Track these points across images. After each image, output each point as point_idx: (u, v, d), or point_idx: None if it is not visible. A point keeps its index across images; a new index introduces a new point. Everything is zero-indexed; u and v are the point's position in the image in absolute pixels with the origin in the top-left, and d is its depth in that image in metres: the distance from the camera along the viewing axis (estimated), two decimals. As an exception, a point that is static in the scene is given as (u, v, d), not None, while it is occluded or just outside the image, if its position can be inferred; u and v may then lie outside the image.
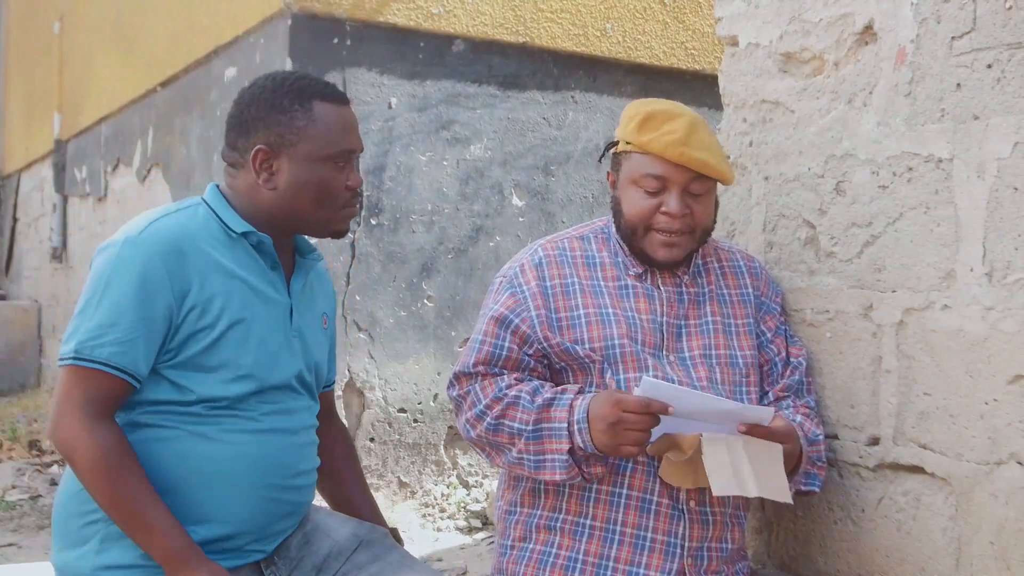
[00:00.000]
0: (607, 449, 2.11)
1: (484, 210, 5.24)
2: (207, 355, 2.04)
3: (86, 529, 2.05)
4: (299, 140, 2.10)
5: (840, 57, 2.47)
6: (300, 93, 2.13)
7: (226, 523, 2.05)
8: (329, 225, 2.18)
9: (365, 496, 2.45)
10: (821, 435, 2.38)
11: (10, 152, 11.40)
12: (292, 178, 2.11)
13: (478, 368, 2.30)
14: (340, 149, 2.13)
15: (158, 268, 2.01)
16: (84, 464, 1.97)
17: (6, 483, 5.55)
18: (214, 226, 2.11)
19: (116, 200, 7.54)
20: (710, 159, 2.22)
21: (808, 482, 2.34)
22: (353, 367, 4.88)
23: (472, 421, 2.28)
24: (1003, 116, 2.10)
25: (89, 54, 8.36)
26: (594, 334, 2.27)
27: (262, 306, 2.12)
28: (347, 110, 2.18)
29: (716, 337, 2.34)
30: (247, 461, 2.06)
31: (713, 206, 2.33)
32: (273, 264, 2.16)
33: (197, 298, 2.03)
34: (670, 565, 2.22)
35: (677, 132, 2.21)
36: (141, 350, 2.00)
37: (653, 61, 5.61)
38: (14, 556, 4.33)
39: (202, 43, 5.78)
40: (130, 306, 1.99)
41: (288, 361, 2.14)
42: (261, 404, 2.09)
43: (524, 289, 2.32)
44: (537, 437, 2.19)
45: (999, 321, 2.10)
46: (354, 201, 2.19)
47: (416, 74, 5.06)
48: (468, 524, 4.86)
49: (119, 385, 2.00)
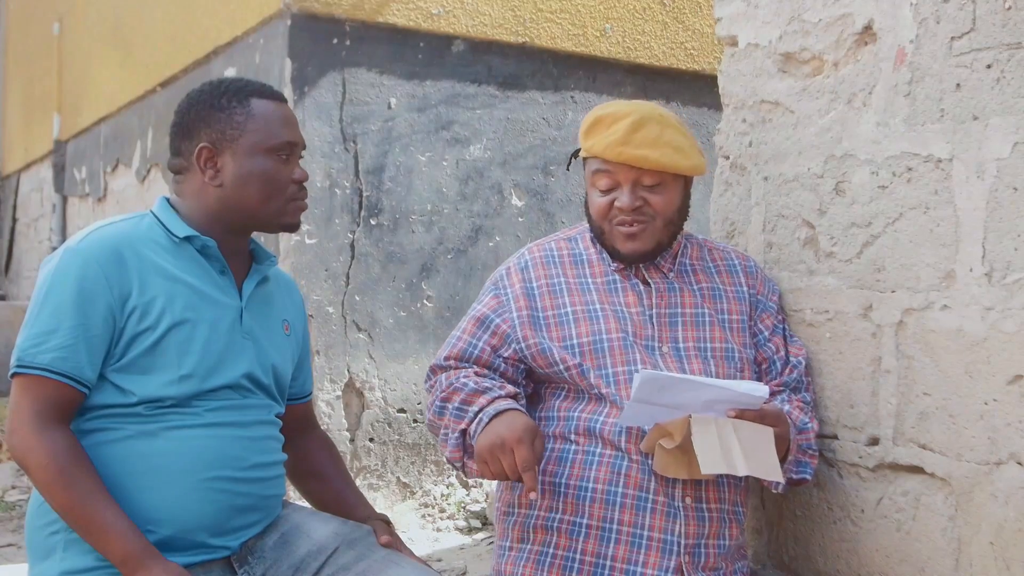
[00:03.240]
0: (478, 451, 2.16)
1: (484, 210, 5.24)
2: (149, 357, 2.06)
3: (50, 539, 2.07)
4: (240, 135, 2.17)
5: (839, 57, 2.47)
6: (238, 92, 2.20)
7: (178, 519, 2.05)
8: (279, 218, 2.22)
9: (350, 488, 2.47)
10: (811, 425, 2.38)
11: (9, 153, 11.40)
12: (237, 172, 2.17)
13: (449, 362, 2.39)
14: (281, 141, 2.19)
15: (96, 273, 2.04)
16: (36, 472, 1.99)
17: (5, 484, 5.55)
18: (158, 233, 2.16)
19: (116, 201, 7.54)
20: (651, 154, 2.27)
21: (799, 470, 2.34)
22: (353, 367, 4.88)
23: (428, 407, 2.38)
24: (1002, 116, 2.10)
25: (88, 55, 8.36)
26: (582, 329, 2.32)
27: (208, 309, 2.14)
28: (285, 107, 2.25)
29: (712, 330, 2.36)
30: (191, 455, 2.07)
31: (676, 195, 2.36)
32: (222, 269, 2.20)
33: (137, 300, 2.06)
34: (667, 562, 2.22)
35: (618, 133, 2.29)
36: (84, 355, 2.02)
37: (652, 61, 5.61)
38: (13, 556, 4.33)
39: (201, 44, 5.78)
40: (69, 312, 2.02)
41: (235, 362, 2.16)
42: (206, 402, 2.11)
43: (508, 291, 2.40)
44: (457, 415, 2.28)
45: (999, 321, 2.10)
46: (302, 194, 2.24)
47: (415, 74, 5.06)
48: (468, 524, 4.86)
49: (65, 391, 2.02)
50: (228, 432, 2.12)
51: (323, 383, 4.79)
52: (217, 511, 2.09)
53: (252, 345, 2.20)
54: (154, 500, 2.04)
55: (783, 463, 2.26)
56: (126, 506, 2.00)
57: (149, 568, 1.95)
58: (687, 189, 2.40)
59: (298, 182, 2.22)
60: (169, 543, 2.04)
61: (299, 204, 2.24)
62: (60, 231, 8.91)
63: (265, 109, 2.20)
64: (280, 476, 2.27)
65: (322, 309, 4.81)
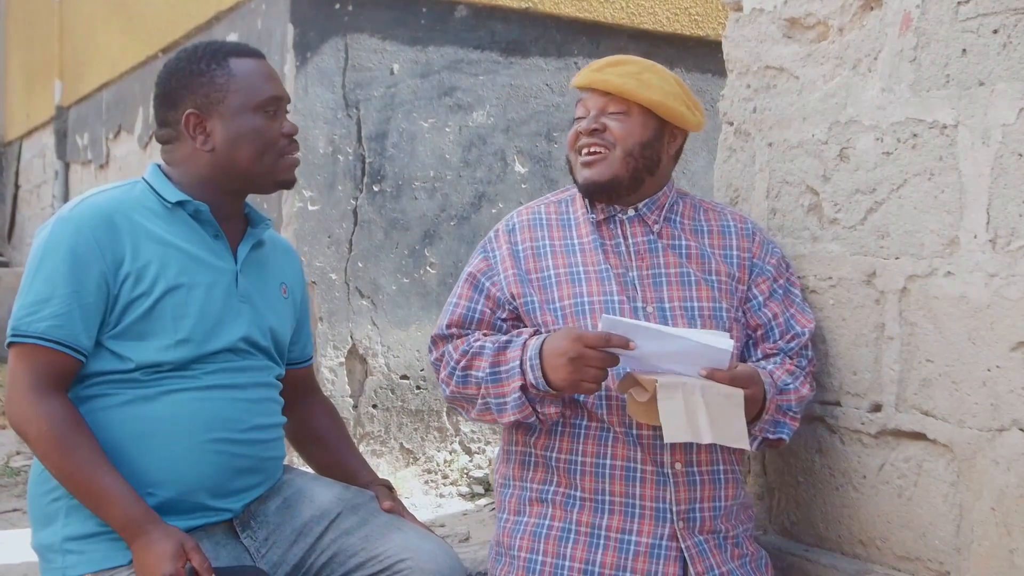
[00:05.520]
0: (565, 385, 2.12)
1: (487, 177, 5.22)
2: (144, 322, 2.07)
3: (51, 506, 2.08)
4: (225, 96, 2.16)
5: (845, 23, 2.46)
6: (215, 55, 2.20)
7: (178, 481, 2.07)
8: (273, 176, 2.22)
9: (352, 453, 2.48)
10: (795, 386, 2.32)
11: (11, 119, 11.37)
12: (227, 133, 2.16)
13: (451, 330, 2.36)
14: (267, 96, 2.19)
15: (88, 240, 2.04)
16: (35, 439, 2.00)
17: (10, 450, 5.58)
18: (150, 199, 2.16)
19: (118, 167, 7.52)
20: (613, 79, 2.28)
21: (776, 430, 2.31)
22: (356, 334, 4.89)
23: (446, 379, 2.33)
24: (1009, 82, 2.09)
25: (90, 21, 8.32)
26: (564, 292, 2.30)
27: (202, 273, 2.14)
28: (264, 63, 2.24)
29: (698, 290, 2.32)
30: (189, 418, 2.08)
31: (640, 128, 2.30)
32: (215, 233, 2.19)
33: (131, 266, 2.07)
34: (661, 530, 2.23)
35: (595, 64, 2.32)
36: (79, 322, 2.03)
37: (656, 27, 5.58)
38: (19, 521, 4.35)
39: (203, 9, 5.75)
40: (63, 280, 2.02)
41: (232, 325, 2.16)
42: (204, 365, 2.11)
43: (496, 253, 2.39)
44: (496, 380, 2.22)
45: (1002, 288, 2.10)
46: (293, 148, 2.24)
47: (418, 40, 5.04)
48: (471, 490, 4.88)
49: (61, 359, 2.02)
50: (226, 395, 2.13)
51: (326, 350, 4.80)
52: (217, 472, 2.10)
53: (249, 308, 2.20)
54: (154, 463, 2.05)
55: (757, 422, 2.23)
56: (126, 470, 2.01)
57: (149, 532, 1.96)
58: (662, 131, 2.33)
59: (288, 136, 2.22)
60: (170, 506, 2.05)
61: (291, 159, 2.24)
62: (62, 198, 8.90)
63: (245, 67, 2.19)
64: (279, 438, 2.28)
65: (325, 276, 4.81)
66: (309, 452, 2.49)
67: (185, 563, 1.94)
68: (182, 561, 1.93)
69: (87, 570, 2.02)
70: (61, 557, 2.04)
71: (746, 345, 2.38)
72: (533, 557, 2.26)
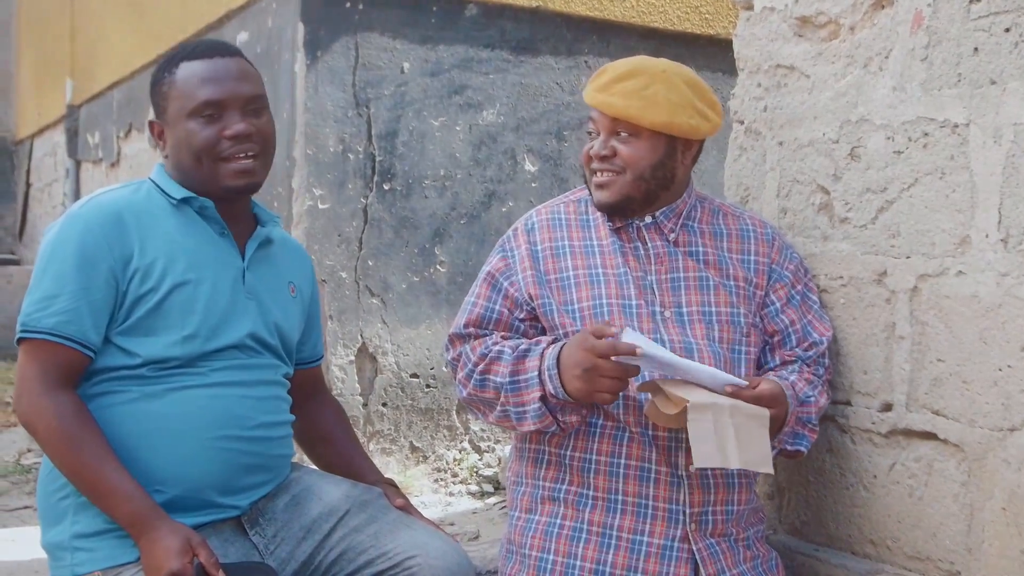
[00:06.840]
0: (581, 395, 2.12)
1: (497, 175, 5.22)
2: (152, 318, 2.08)
3: (60, 504, 2.09)
4: (168, 104, 2.18)
5: (856, 21, 2.45)
6: (170, 60, 2.20)
7: (186, 478, 2.07)
8: (217, 182, 2.17)
9: (359, 453, 2.49)
10: (815, 398, 2.32)
11: (23, 117, 11.41)
12: (172, 140, 2.19)
13: (469, 330, 2.34)
14: (199, 101, 2.15)
15: (97, 236, 2.06)
16: (43, 435, 2.01)
17: (21, 447, 5.59)
18: (157, 197, 2.18)
19: (129, 166, 7.54)
20: (617, 102, 2.22)
21: (795, 442, 2.31)
22: (366, 332, 4.89)
23: (463, 381, 2.32)
24: (1020, 81, 2.08)
25: (101, 19, 8.34)
26: (583, 294, 2.29)
27: (209, 269, 2.15)
28: (214, 62, 2.17)
29: (716, 294, 2.31)
30: (197, 414, 2.08)
31: (649, 151, 2.25)
32: (221, 230, 2.20)
33: (139, 262, 2.08)
34: (673, 531, 2.22)
35: (603, 79, 2.27)
36: (87, 318, 2.03)
37: (667, 25, 5.57)
38: (29, 518, 4.36)
39: (214, 7, 5.76)
40: (72, 276, 2.03)
41: (239, 322, 2.17)
42: (211, 362, 2.12)
43: (514, 252, 2.37)
44: (515, 389, 2.22)
45: (1014, 287, 2.09)
46: (237, 150, 2.16)
47: (429, 39, 5.04)
48: (480, 489, 4.88)
49: (70, 355, 2.03)
50: (234, 392, 2.13)
51: (336, 348, 4.80)
52: (224, 469, 2.11)
53: (256, 305, 2.21)
54: (161, 460, 2.06)
55: (778, 435, 2.23)
56: (134, 467, 2.01)
57: (157, 529, 1.96)
58: (674, 147, 2.28)
59: (233, 137, 2.15)
60: (178, 503, 2.06)
61: (239, 165, 2.16)
62: (73, 196, 8.93)
63: (186, 72, 2.17)
64: (287, 436, 2.29)
65: (335, 274, 4.81)
66: (316, 452, 2.50)
67: (192, 559, 1.94)
68: (189, 557, 1.94)
69: (96, 567, 2.03)
70: (70, 555, 2.05)
71: (763, 350, 2.38)
72: (544, 556, 2.26)
